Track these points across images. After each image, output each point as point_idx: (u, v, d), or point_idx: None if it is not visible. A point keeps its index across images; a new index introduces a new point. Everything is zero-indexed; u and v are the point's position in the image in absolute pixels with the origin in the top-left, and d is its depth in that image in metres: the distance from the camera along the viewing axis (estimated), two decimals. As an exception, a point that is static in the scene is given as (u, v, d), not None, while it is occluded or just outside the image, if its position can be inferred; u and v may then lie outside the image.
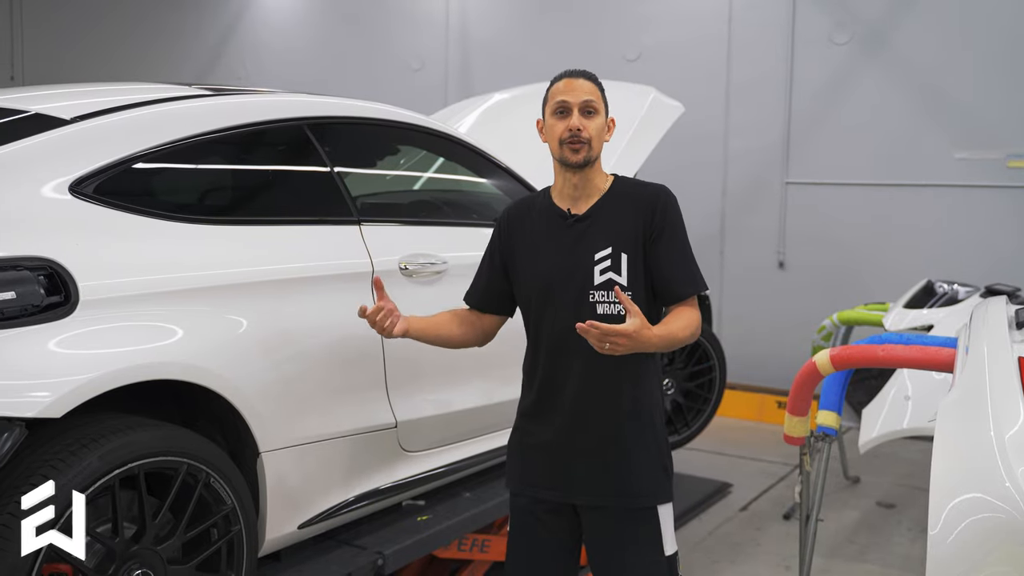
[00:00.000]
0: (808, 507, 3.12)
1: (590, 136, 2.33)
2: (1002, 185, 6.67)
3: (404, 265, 2.99)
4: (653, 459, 2.39)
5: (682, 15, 7.89)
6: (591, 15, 8.38)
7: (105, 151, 2.37)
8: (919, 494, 5.53)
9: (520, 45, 8.76)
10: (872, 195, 7.16)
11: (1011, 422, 2.06)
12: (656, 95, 5.09)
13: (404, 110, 3.36)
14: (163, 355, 2.22)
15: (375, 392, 2.89)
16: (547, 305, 2.40)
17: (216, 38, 10.86)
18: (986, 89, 6.71)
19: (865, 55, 7.13)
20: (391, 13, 9.62)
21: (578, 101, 2.33)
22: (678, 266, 2.35)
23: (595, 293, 2.34)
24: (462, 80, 9.18)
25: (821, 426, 3.08)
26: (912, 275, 6.11)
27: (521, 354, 3.50)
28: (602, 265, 2.34)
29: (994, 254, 6.59)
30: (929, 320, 4.45)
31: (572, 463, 2.38)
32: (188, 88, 2.89)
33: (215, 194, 2.75)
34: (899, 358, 2.72)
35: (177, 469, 2.25)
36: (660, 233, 2.34)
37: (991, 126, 6.68)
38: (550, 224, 2.43)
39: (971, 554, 1.97)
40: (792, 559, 4.43)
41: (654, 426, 2.40)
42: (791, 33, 7.33)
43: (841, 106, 7.23)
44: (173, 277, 2.32)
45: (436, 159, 3.67)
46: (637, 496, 2.36)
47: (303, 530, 2.69)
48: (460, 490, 3.39)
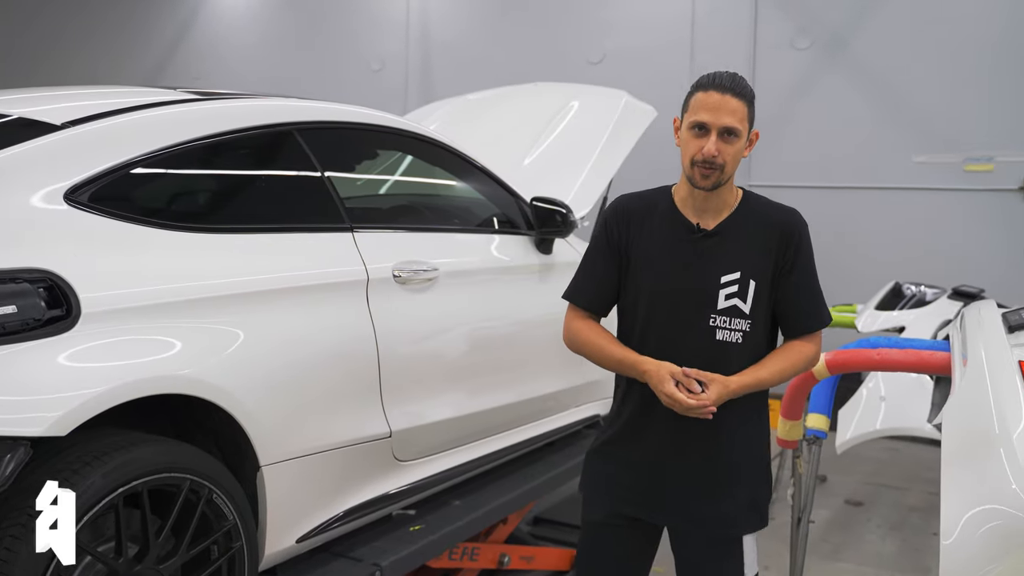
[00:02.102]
0: (799, 509, 3.15)
1: (725, 162, 2.21)
2: (960, 188, 6.84)
3: (397, 272, 2.95)
4: (750, 490, 2.34)
5: (645, 19, 7.95)
6: (553, 17, 8.40)
7: (99, 157, 2.30)
8: (885, 492, 5.64)
9: (482, 46, 8.75)
10: (833, 198, 7.29)
11: (1016, 423, 2.08)
12: (628, 99, 5.09)
13: (392, 115, 3.33)
14: (169, 368, 2.16)
15: (370, 402, 2.84)
16: (659, 318, 2.29)
17: (170, 37, 10.67)
18: (944, 94, 6.87)
19: (826, 60, 7.26)
20: (351, 13, 9.54)
21: (720, 125, 2.18)
22: (805, 299, 2.29)
23: (717, 318, 2.24)
24: (423, 81, 9.14)
25: (811, 429, 3.11)
26: (874, 277, 6.23)
27: (509, 361, 3.52)
28: (729, 290, 2.24)
29: (952, 256, 6.75)
30: (900, 322, 4.54)
31: (665, 485, 2.33)
32: (174, 92, 2.82)
33: (210, 201, 2.68)
34: (894, 362, 2.76)
35: (180, 486, 2.19)
36: (794, 265, 2.27)
37: (949, 130, 6.84)
38: (675, 233, 2.30)
39: (984, 560, 1.97)
40: (771, 558, 4.48)
41: (755, 454, 2.36)
42: (753, 38, 7.44)
43: (803, 110, 7.35)
44: (173, 288, 2.26)
45: (423, 164, 3.63)
46: (729, 527, 2.33)
47: (301, 544, 2.64)
48: (449, 499, 3.36)
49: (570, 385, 3.86)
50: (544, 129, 4.80)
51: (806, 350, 2.31)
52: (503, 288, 3.49)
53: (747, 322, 2.25)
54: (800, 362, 2.30)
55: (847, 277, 6.95)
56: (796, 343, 2.31)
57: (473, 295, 3.31)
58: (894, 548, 4.71)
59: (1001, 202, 6.75)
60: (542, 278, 3.71)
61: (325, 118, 3.04)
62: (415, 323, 3.02)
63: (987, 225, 6.78)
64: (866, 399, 4.24)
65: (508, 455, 3.56)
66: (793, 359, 2.29)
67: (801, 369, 2.33)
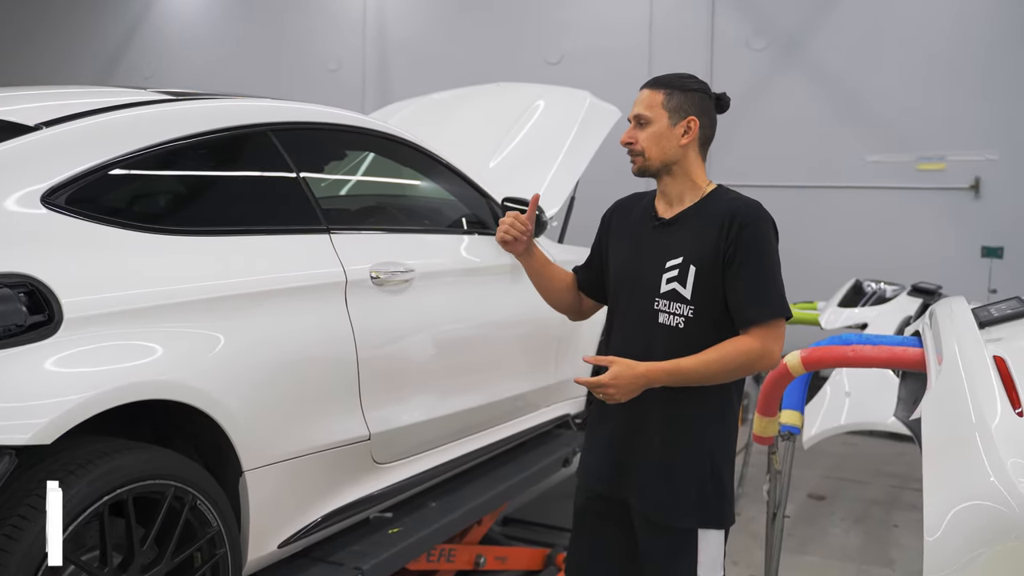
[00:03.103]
0: (775, 504, 3.18)
1: (641, 148, 2.37)
2: (912, 187, 6.99)
3: (375, 274, 2.93)
4: (703, 478, 2.32)
5: (603, 20, 8.00)
6: (512, 17, 8.41)
7: (76, 159, 2.25)
8: (847, 486, 5.75)
9: (440, 45, 8.73)
10: (790, 196, 7.40)
11: (993, 417, 2.12)
12: (592, 100, 5.11)
13: (366, 116, 3.31)
14: (155, 374, 2.12)
15: (349, 405, 2.82)
16: (621, 303, 2.45)
17: (120, 35, 10.46)
18: (897, 95, 7.02)
19: (782, 61, 7.37)
20: (306, 12, 9.45)
21: (632, 114, 2.39)
22: (748, 288, 2.25)
23: (659, 301, 2.33)
24: (380, 80, 9.08)
25: (785, 425, 3.14)
26: (830, 274, 6.35)
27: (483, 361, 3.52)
28: (670, 274, 2.32)
29: (907, 253, 6.90)
30: (863, 318, 4.63)
31: (625, 464, 2.40)
32: (145, 92, 2.77)
33: (188, 204, 2.64)
34: (868, 358, 2.80)
35: (164, 493, 2.15)
36: (734, 253, 2.26)
37: (902, 130, 6.99)
38: (643, 224, 2.46)
39: (966, 554, 1.99)
40: (740, 554, 4.54)
41: (709, 442, 2.34)
42: (710, 39, 7.52)
43: (759, 110, 7.45)
44: (155, 292, 2.22)
45: (395, 165, 3.62)
46: (672, 515, 2.33)
47: (283, 549, 2.61)
48: (425, 500, 3.35)
49: (541, 385, 3.88)
50: (510, 129, 4.80)
51: (744, 345, 2.25)
52: (477, 289, 3.49)
53: (689, 307, 2.29)
54: (734, 357, 2.24)
55: (805, 274, 7.05)
56: (737, 338, 2.27)
57: (448, 296, 3.31)
58: (858, 541, 4.80)
59: (953, 200, 6.91)
60: (514, 279, 3.70)
61: (299, 119, 3.01)
62: (393, 324, 3.00)
63: (940, 223, 6.94)
64: (830, 395, 4.31)
65: (483, 455, 3.57)
66: (724, 352, 2.24)
67: (737, 365, 2.25)
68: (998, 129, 6.76)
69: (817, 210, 7.31)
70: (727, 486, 2.37)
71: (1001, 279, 6.73)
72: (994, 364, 2.30)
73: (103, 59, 10.56)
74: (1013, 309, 2.76)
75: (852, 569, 4.42)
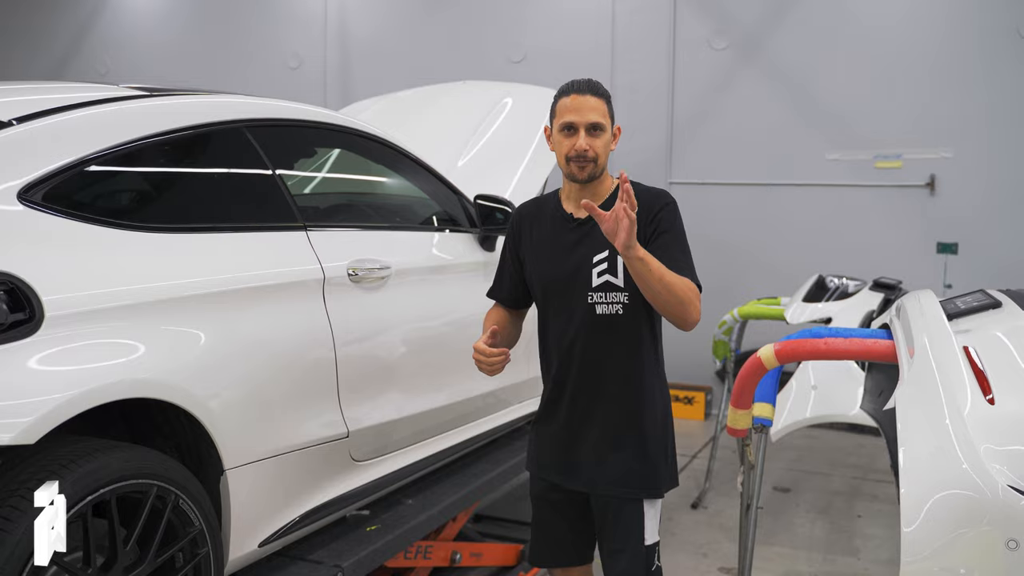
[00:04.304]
0: (749, 496, 3.24)
1: (596, 155, 2.46)
2: (871, 184, 7.11)
3: (352, 271, 2.93)
4: (647, 455, 2.53)
5: (565, 18, 8.02)
6: (474, 15, 8.40)
7: (53, 154, 2.22)
8: (810, 477, 5.84)
9: (402, 43, 8.69)
10: (751, 194, 7.49)
11: (964, 404, 2.17)
12: (559, 98, 5.12)
13: (339, 113, 3.30)
14: (138, 372, 2.10)
15: (328, 402, 2.82)
16: (551, 306, 2.56)
17: (74, 30, 10.25)
18: (854, 94, 7.13)
19: (743, 60, 7.45)
20: (266, 8, 9.36)
21: (585, 122, 2.44)
22: (671, 261, 2.37)
23: (593, 295, 2.47)
24: (342, 79, 9.02)
25: (758, 418, 3.20)
26: (792, 270, 6.44)
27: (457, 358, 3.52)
28: (600, 267, 2.46)
29: (867, 249, 7.01)
30: (827, 313, 4.70)
31: (574, 453, 2.57)
32: (117, 88, 2.73)
33: (165, 200, 2.60)
34: (840, 351, 2.86)
35: (147, 492, 2.13)
36: (654, 232, 2.44)
37: (859, 129, 7.11)
38: (555, 227, 2.57)
39: (941, 541, 2.03)
40: (709, 545, 4.60)
41: (648, 422, 2.52)
42: (672, 38, 7.58)
43: (721, 109, 7.53)
44: (135, 289, 2.20)
45: (368, 162, 3.61)
46: (626, 487, 2.52)
47: (263, 548, 2.60)
48: (401, 498, 3.35)
49: (514, 382, 3.89)
50: (478, 127, 4.82)
51: (690, 283, 2.36)
52: (451, 286, 3.50)
53: (624, 294, 2.46)
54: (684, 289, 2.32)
55: (768, 270, 7.17)
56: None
57: (424, 293, 3.31)
58: (823, 531, 4.88)
59: (910, 197, 7.04)
60: (487, 276, 3.71)
61: (275, 115, 2.99)
62: (370, 322, 3.00)
63: (897, 219, 7.07)
64: (796, 389, 4.36)
65: (459, 452, 3.58)
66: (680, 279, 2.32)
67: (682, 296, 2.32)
68: (953, 127, 6.90)
69: (779, 207, 7.40)
70: (669, 457, 2.59)
71: (956, 274, 6.88)
72: (963, 354, 2.37)
73: (54, 57, 10.35)
74: (979, 302, 2.85)
75: (818, 559, 4.50)
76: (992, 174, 6.85)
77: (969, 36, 6.85)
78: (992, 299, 2.83)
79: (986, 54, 6.80)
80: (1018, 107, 6.77)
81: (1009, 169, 6.82)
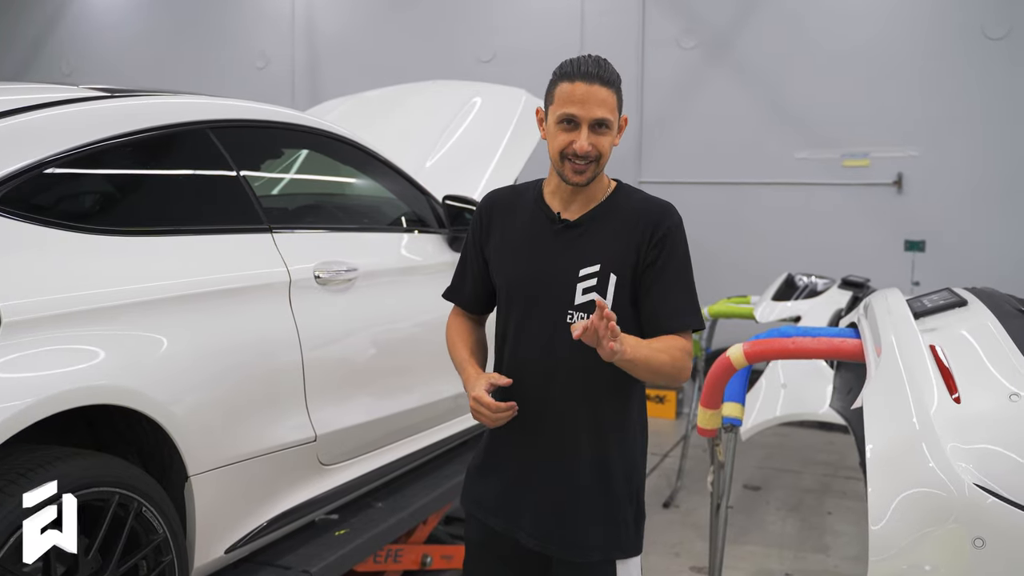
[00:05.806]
0: (719, 495, 3.24)
1: (600, 154, 2.03)
2: (838, 183, 7.17)
3: (318, 273, 2.89)
4: (614, 509, 2.10)
5: (535, 18, 8.02)
6: (444, 14, 8.38)
7: (10, 157, 2.17)
8: (780, 475, 5.87)
9: (371, 42, 8.65)
10: (721, 193, 7.53)
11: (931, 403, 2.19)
12: (528, 98, 5.15)
13: (306, 114, 3.26)
14: (99, 379, 2.06)
15: (295, 406, 2.79)
16: (519, 314, 2.12)
17: (36, 30, 10.11)
18: (821, 93, 7.19)
19: (711, 60, 7.49)
20: (232, 7, 9.28)
21: (591, 118, 1.99)
22: (670, 295, 2.04)
23: (574, 314, 2.04)
24: (310, 78, 8.96)
25: (727, 417, 3.20)
26: (762, 269, 6.48)
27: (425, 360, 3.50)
28: (586, 284, 2.04)
29: (834, 247, 7.08)
30: (796, 311, 4.72)
31: (522, 495, 2.13)
32: (77, 89, 2.68)
33: (128, 203, 2.56)
34: (808, 350, 2.87)
35: (108, 500, 2.09)
36: (656, 260, 2.05)
37: (827, 128, 7.17)
38: (536, 224, 2.13)
39: (908, 539, 2.03)
40: (682, 544, 4.61)
41: (618, 469, 2.11)
42: (641, 37, 7.60)
43: (690, 108, 7.56)
44: (96, 294, 2.16)
45: (335, 163, 3.57)
46: (586, 549, 2.09)
47: (229, 555, 2.56)
48: (371, 501, 3.32)
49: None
50: (447, 127, 4.80)
51: (678, 342, 2.03)
52: (420, 287, 3.47)
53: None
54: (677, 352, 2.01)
55: (737, 269, 7.21)
56: (674, 338, 2.04)
57: (391, 295, 3.29)
58: (794, 529, 4.91)
59: (877, 195, 7.11)
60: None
61: (239, 116, 2.95)
62: (337, 324, 2.97)
63: (865, 217, 7.14)
64: (766, 387, 4.38)
65: (428, 454, 3.56)
66: (669, 344, 2.01)
67: (678, 363, 2.01)
68: (919, 126, 6.98)
69: (748, 206, 7.46)
70: (639, 509, 2.18)
71: (923, 272, 6.95)
72: (930, 353, 2.38)
73: (16, 58, 10.20)
74: (945, 300, 2.86)
75: (790, 556, 4.52)
76: (959, 172, 6.94)
77: (935, 36, 6.92)
78: (958, 297, 2.85)
79: (952, 54, 6.88)
80: (984, 106, 6.86)
81: (976, 167, 6.91)
